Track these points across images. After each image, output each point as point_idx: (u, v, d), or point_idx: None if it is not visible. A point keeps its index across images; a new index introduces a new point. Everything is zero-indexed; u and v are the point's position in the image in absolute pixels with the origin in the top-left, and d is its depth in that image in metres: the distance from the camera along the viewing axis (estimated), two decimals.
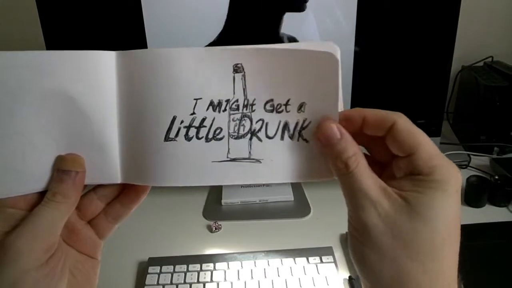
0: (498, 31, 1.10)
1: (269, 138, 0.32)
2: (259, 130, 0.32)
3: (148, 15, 0.70)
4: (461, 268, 0.29)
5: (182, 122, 0.32)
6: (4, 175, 0.31)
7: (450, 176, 0.28)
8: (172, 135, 0.32)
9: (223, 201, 0.83)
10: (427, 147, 0.29)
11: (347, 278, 0.64)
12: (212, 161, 0.32)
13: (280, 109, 0.32)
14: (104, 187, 0.34)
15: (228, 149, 0.32)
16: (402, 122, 0.30)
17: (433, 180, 0.28)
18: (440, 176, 0.28)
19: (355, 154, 0.30)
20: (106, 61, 0.32)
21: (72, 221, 0.33)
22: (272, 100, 0.32)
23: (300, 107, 0.32)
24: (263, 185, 0.86)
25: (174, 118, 0.32)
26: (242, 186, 0.86)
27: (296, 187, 0.87)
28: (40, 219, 0.30)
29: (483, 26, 1.09)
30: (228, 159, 0.32)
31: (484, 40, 1.09)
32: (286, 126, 0.32)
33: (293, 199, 0.84)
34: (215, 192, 0.87)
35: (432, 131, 0.81)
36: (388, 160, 0.31)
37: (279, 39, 0.73)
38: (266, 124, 0.32)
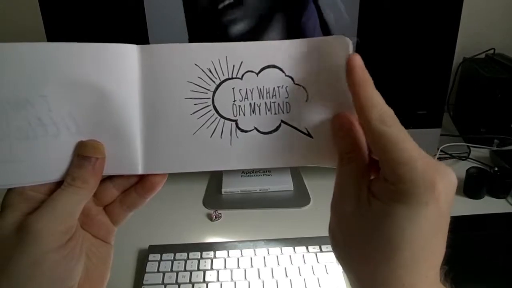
0: (500, 23, 1.10)
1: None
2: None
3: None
4: (460, 259, 0.29)
5: None
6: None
7: (420, 187, 0.25)
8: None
9: (223, 190, 0.83)
10: (397, 152, 0.26)
11: None
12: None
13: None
14: (121, 176, 0.34)
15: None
16: (375, 123, 0.27)
17: (396, 191, 0.26)
18: (406, 187, 0.25)
19: (353, 151, 0.30)
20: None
21: (88, 206, 0.34)
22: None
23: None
24: (263, 174, 0.87)
25: None
26: (242, 175, 0.86)
27: (296, 177, 0.87)
28: (59, 202, 0.30)
29: (485, 18, 1.08)
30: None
31: (486, 32, 1.09)
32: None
33: (293, 188, 0.84)
34: (215, 181, 0.87)
35: (433, 123, 0.81)
36: None
37: None
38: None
